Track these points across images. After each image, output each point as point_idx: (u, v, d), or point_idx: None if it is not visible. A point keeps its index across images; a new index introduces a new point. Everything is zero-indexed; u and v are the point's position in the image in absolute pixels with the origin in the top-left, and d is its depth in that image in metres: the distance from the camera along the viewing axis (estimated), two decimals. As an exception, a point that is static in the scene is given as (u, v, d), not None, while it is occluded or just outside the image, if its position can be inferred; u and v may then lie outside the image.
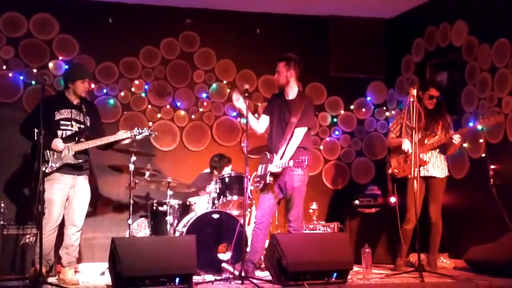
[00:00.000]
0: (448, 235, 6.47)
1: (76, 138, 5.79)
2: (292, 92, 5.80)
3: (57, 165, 5.70)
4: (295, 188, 5.64)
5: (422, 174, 6.16)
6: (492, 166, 6.30)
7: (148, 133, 6.08)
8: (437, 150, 6.27)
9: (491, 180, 6.22)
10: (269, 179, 5.67)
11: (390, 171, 6.44)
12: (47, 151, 5.68)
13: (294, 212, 5.67)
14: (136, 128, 6.01)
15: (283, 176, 5.67)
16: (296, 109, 5.66)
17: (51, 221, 5.73)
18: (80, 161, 5.78)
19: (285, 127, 5.69)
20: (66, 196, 5.81)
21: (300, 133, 5.66)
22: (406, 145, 6.20)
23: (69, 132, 5.81)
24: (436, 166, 6.26)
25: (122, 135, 5.96)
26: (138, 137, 6.03)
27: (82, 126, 5.86)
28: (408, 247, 6.38)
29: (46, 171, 5.66)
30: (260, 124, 5.94)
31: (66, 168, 5.76)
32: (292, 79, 5.78)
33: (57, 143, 5.69)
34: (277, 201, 5.80)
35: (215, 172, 6.96)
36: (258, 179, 5.78)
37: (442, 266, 6.53)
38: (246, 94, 5.71)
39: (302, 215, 5.74)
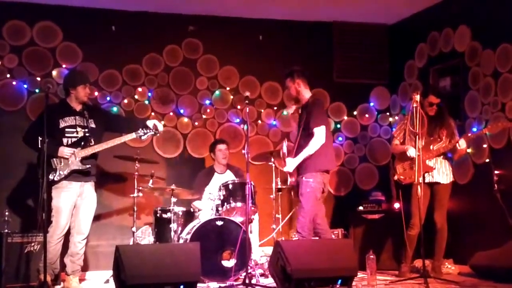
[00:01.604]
0: (453, 240, 6.45)
1: (82, 144, 5.80)
2: (304, 99, 5.94)
3: (65, 172, 5.72)
4: (302, 194, 5.70)
5: (427, 180, 6.15)
6: (496, 171, 6.28)
7: (153, 133, 6.10)
8: (442, 156, 6.26)
9: (495, 185, 6.20)
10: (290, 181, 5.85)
11: (396, 177, 6.45)
12: (54, 159, 5.69)
13: (299, 219, 5.72)
14: (141, 129, 6.02)
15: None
16: (305, 113, 5.79)
17: (58, 229, 5.74)
18: (87, 166, 5.79)
19: (298, 133, 5.84)
20: (73, 204, 5.83)
21: (318, 133, 5.69)
22: (411, 152, 6.19)
23: (74, 139, 5.83)
24: (441, 172, 6.26)
25: (128, 136, 5.98)
26: (143, 137, 6.07)
27: (87, 130, 5.88)
28: (413, 253, 6.37)
29: (55, 179, 5.68)
30: None
31: (74, 175, 5.78)
32: (301, 88, 5.91)
33: (64, 150, 5.71)
34: None
35: (212, 156, 7.11)
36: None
37: (447, 272, 6.50)
38: (247, 101, 5.74)
39: (309, 222, 5.72)
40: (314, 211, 5.74)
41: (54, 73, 7.21)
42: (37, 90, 7.12)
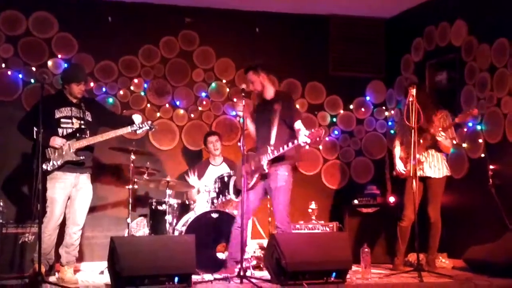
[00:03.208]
0: (447, 235, 6.47)
1: (77, 135, 5.79)
2: (269, 93, 5.92)
3: (59, 162, 5.71)
4: (278, 187, 5.71)
5: (418, 174, 6.14)
6: (491, 166, 6.31)
7: (148, 127, 6.09)
8: (433, 149, 6.25)
9: (490, 180, 6.22)
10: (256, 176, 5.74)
11: (394, 173, 6.48)
12: (48, 149, 5.68)
13: (278, 213, 5.74)
14: (137, 123, 6.02)
15: (268, 176, 5.73)
16: (279, 107, 5.74)
17: (52, 220, 5.74)
18: (81, 158, 5.78)
19: (270, 126, 5.74)
20: (68, 195, 5.82)
21: (301, 127, 5.72)
22: (399, 166, 6.32)
23: (70, 130, 5.82)
24: (433, 166, 6.25)
25: (123, 130, 5.97)
26: (138, 131, 6.07)
27: (83, 122, 5.87)
28: (407, 246, 6.39)
29: (48, 169, 5.67)
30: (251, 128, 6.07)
31: (69, 167, 5.77)
32: (266, 82, 5.90)
33: (56, 140, 5.70)
34: (259, 202, 5.93)
35: (206, 149, 7.14)
36: (247, 177, 5.75)
37: (441, 266, 6.53)
38: (243, 94, 5.72)
39: (286, 215, 5.76)
40: (289, 204, 5.78)
41: (49, 63, 7.17)
42: (32, 81, 7.09)
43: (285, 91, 6.08)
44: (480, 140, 6.55)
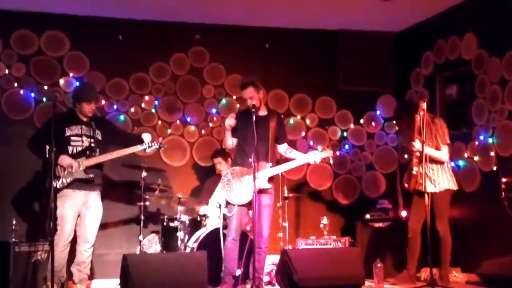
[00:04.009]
0: (461, 249, 6.42)
1: (87, 153, 5.83)
2: (263, 109, 5.93)
3: (68, 180, 5.74)
4: (270, 205, 5.72)
5: (418, 189, 6.07)
6: (503, 179, 6.25)
7: (158, 146, 6.13)
8: (433, 163, 6.14)
9: (503, 193, 6.17)
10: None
11: (406, 185, 6.44)
12: (58, 167, 5.72)
13: (267, 232, 5.71)
14: (146, 142, 6.05)
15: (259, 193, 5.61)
16: (272, 125, 5.78)
17: (63, 237, 5.77)
18: (91, 175, 5.82)
19: (267, 142, 5.71)
20: (78, 212, 5.85)
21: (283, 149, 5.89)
22: (417, 144, 6.00)
23: (79, 148, 5.86)
24: (433, 181, 6.13)
25: (133, 148, 6.00)
26: (148, 150, 6.09)
27: (93, 140, 5.90)
28: (417, 260, 6.33)
29: (58, 186, 5.70)
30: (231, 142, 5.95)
31: (78, 184, 5.80)
32: (263, 98, 5.91)
33: (65, 159, 5.73)
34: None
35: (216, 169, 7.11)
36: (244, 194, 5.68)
37: (455, 280, 6.47)
38: (253, 110, 5.70)
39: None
40: None
41: (61, 82, 7.24)
42: (44, 99, 7.15)
43: (274, 109, 6.27)
44: (492, 153, 6.52)
